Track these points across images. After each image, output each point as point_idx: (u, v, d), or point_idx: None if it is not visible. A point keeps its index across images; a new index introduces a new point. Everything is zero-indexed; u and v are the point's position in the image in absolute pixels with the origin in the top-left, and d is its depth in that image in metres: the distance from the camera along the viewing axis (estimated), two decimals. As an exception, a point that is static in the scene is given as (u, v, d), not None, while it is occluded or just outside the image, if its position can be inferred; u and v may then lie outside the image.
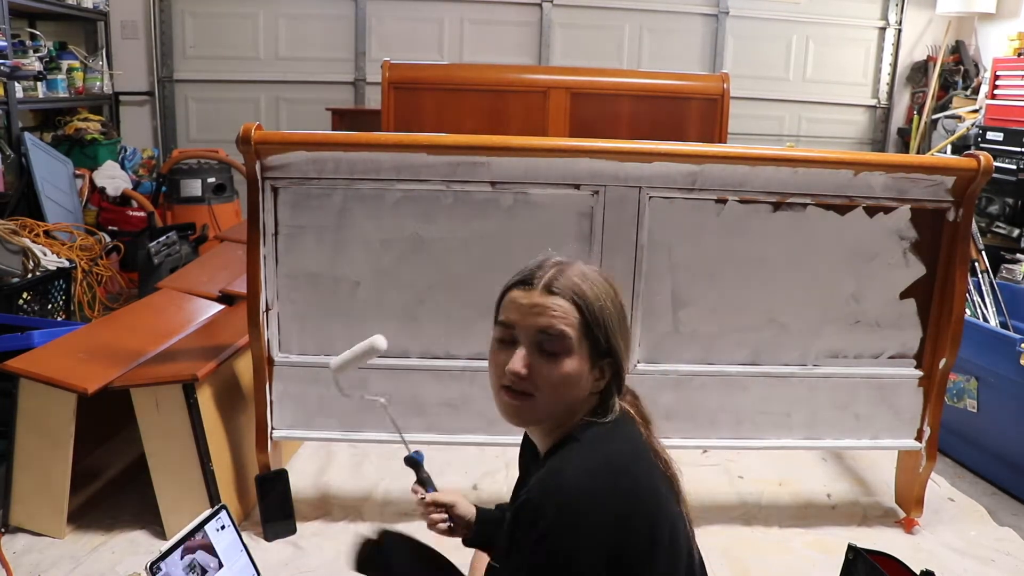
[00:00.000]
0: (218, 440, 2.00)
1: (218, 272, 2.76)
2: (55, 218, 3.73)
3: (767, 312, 2.03)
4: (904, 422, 2.13)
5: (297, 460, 2.41)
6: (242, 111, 5.22)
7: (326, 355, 2.01)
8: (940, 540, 2.10)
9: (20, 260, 3.00)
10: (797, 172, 1.93)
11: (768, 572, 1.94)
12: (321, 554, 1.94)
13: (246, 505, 2.11)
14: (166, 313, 2.45)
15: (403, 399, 2.03)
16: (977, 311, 2.77)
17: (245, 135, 1.83)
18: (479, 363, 2.02)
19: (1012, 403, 2.33)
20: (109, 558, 1.89)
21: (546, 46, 5.40)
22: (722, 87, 3.56)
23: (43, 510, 1.95)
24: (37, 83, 4.15)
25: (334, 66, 5.33)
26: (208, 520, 1.66)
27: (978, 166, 1.92)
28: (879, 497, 2.32)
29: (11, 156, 3.80)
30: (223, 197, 4.46)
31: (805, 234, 1.98)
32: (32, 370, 1.91)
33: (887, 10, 5.68)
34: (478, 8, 5.33)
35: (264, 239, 1.93)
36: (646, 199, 1.93)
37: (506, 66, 4.68)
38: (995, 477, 2.45)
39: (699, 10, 5.51)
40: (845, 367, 2.06)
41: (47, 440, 1.92)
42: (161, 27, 5.14)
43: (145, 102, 5.25)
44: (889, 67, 5.75)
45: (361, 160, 1.90)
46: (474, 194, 1.93)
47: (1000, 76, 4.50)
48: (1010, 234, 4.06)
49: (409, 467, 1.44)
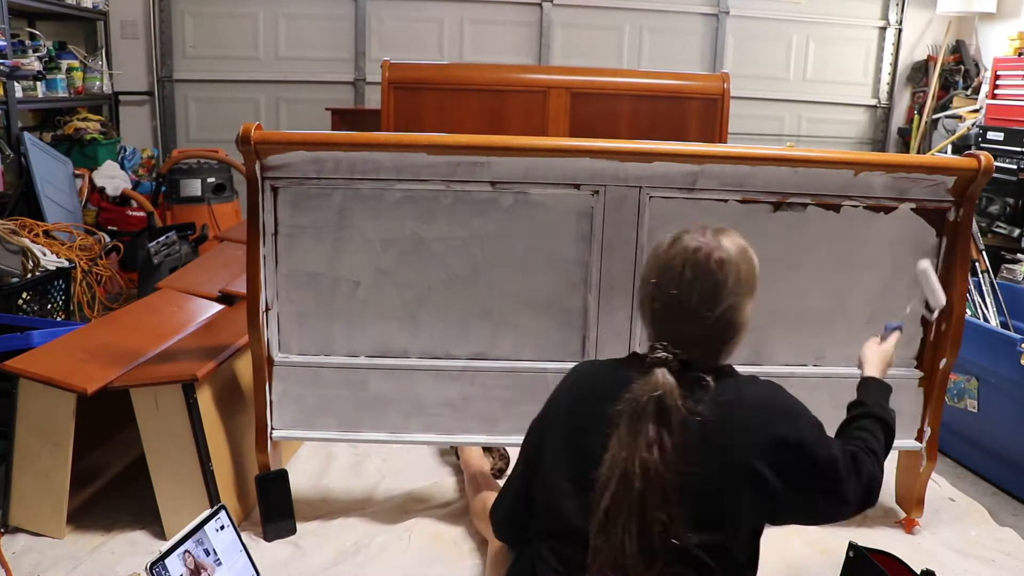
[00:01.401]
0: (218, 440, 2.00)
1: (218, 272, 2.76)
2: (55, 218, 3.73)
3: (767, 312, 2.02)
4: (904, 422, 2.12)
5: (297, 460, 2.41)
6: (242, 111, 5.22)
7: (326, 355, 2.01)
8: (940, 540, 2.09)
9: (19, 260, 3.00)
10: (797, 172, 1.93)
11: (768, 572, 1.93)
12: (321, 554, 1.94)
13: (246, 505, 2.11)
14: (166, 313, 2.45)
15: (403, 399, 2.03)
16: (977, 311, 2.77)
17: (245, 135, 1.82)
18: (479, 363, 2.02)
19: (1012, 403, 2.33)
20: (109, 558, 1.89)
21: (546, 46, 5.40)
22: (722, 87, 3.56)
23: (43, 510, 1.95)
24: (36, 83, 4.15)
25: (334, 66, 5.33)
26: (208, 520, 1.66)
27: (978, 166, 1.92)
28: (879, 497, 2.32)
29: (11, 156, 3.80)
30: (223, 197, 4.46)
31: (805, 234, 1.98)
32: (32, 370, 1.91)
33: (887, 10, 5.68)
34: (478, 8, 5.33)
35: (264, 239, 1.93)
36: (646, 199, 1.93)
37: (506, 66, 4.68)
38: (996, 477, 2.45)
39: (699, 10, 5.51)
40: (845, 367, 2.06)
41: (47, 440, 1.92)
42: (161, 27, 5.14)
43: (145, 102, 5.25)
44: (889, 67, 5.75)
45: (361, 160, 1.90)
46: (474, 194, 1.93)
47: (1000, 76, 4.50)
48: (1010, 234, 4.06)
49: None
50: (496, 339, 2.01)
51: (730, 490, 1.26)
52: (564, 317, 2.00)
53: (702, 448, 1.24)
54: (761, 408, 1.32)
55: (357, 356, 2.02)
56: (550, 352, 2.01)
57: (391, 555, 1.94)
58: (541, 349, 2.01)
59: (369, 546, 1.97)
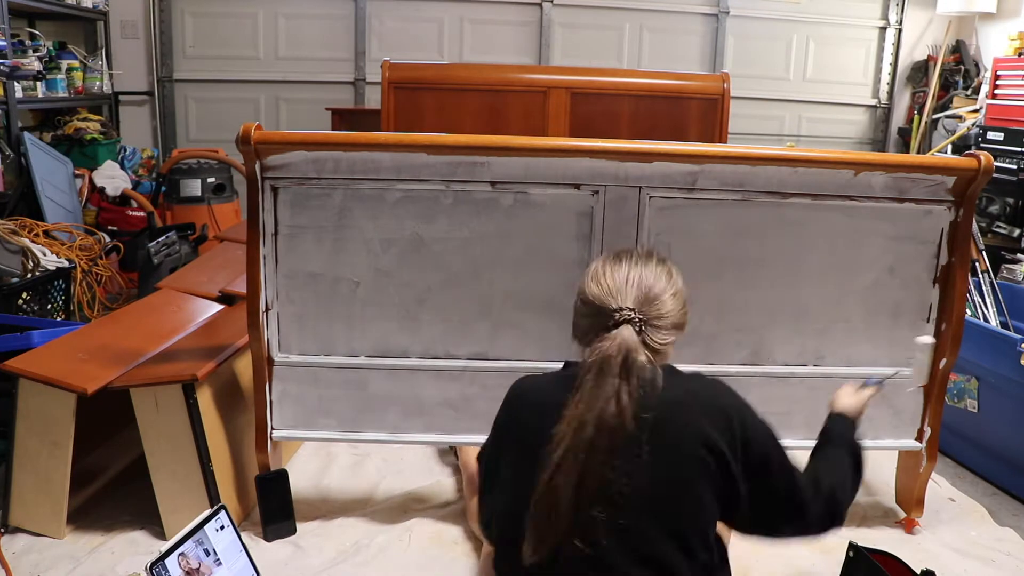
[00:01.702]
0: (218, 440, 2.00)
1: (218, 272, 2.76)
2: (55, 218, 3.73)
3: (767, 312, 2.02)
4: (904, 422, 2.13)
5: (297, 460, 2.41)
6: (242, 111, 5.22)
7: (326, 355, 2.01)
8: (940, 540, 2.09)
9: (19, 260, 3.00)
10: (797, 172, 1.93)
11: (768, 572, 1.94)
12: (321, 554, 1.94)
13: (246, 505, 2.11)
14: (166, 313, 2.45)
15: (403, 399, 2.03)
16: (977, 311, 2.77)
17: (245, 135, 1.82)
18: (479, 363, 2.02)
19: (1012, 403, 2.33)
20: (109, 558, 1.89)
21: (546, 46, 5.40)
22: (722, 87, 3.56)
23: (43, 510, 1.95)
24: (36, 83, 4.15)
25: (334, 66, 5.33)
26: (208, 520, 1.66)
27: (978, 166, 1.92)
28: (879, 497, 2.32)
29: (11, 156, 3.80)
30: (223, 197, 4.46)
31: (805, 234, 1.98)
32: (32, 370, 1.91)
33: (887, 10, 5.68)
34: (478, 8, 5.33)
35: (264, 239, 1.93)
36: (646, 199, 1.93)
37: (506, 66, 4.68)
38: (996, 477, 2.45)
39: (699, 10, 5.51)
40: (845, 367, 2.06)
41: (47, 440, 1.92)
42: (161, 27, 5.14)
43: (145, 102, 5.25)
44: (889, 67, 5.75)
45: (361, 160, 1.90)
46: (474, 194, 1.93)
47: (1000, 76, 4.50)
48: (1010, 234, 4.06)
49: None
50: (496, 339, 2.01)
51: (683, 461, 1.32)
52: (564, 317, 1.98)
53: (656, 413, 1.31)
54: (712, 383, 1.43)
55: (357, 356, 2.02)
56: (550, 352, 2.01)
57: (391, 555, 1.95)
58: (541, 349, 2.01)
59: (369, 546, 1.97)
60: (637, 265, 1.42)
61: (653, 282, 1.40)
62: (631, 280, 1.40)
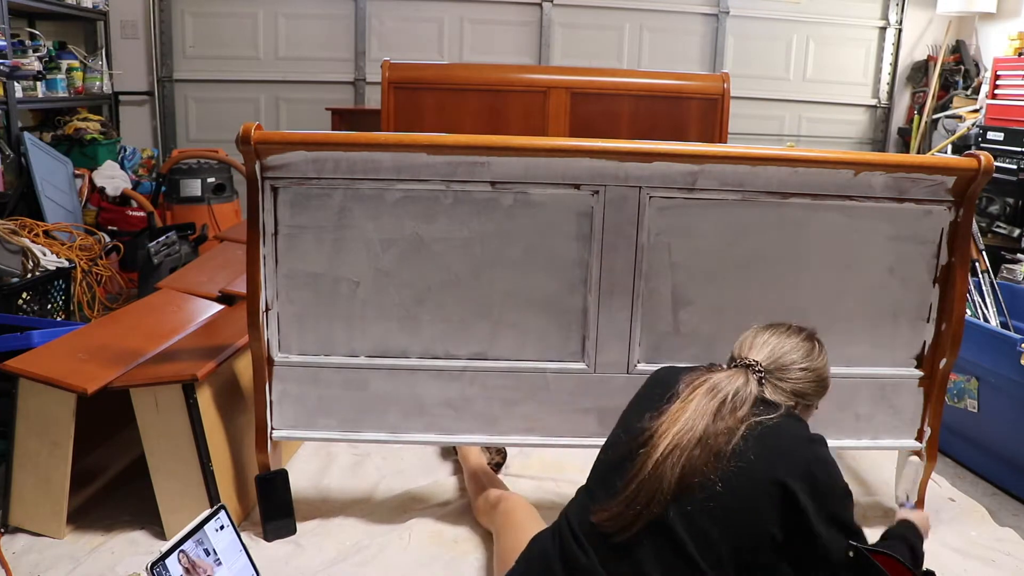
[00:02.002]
0: (218, 440, 2.00)
1: (218, 272, 2.76)
2: (55, 218, 3.73)
3: (767, 312, 2.02)
4: (904, 422, 2.12)
5: (297, 460, 2.41)
6: (242, 111, 5.23)
7: (326, 355, 2.01)
8: (940, 540, 2.09)
9: (19, 260, 3.00)
10: (797, 172, 1.93)
11: (768, 572, 1.94)
12: (321, 554, 1.94)
13: (246, 505, 2.11)
14: (166, 313, 2.45)
15: (403, 399, 2.03)
16: (977, 311, 2.77)
17: (245, 135, 1.82)
18: (479, 363, 2.02)
19: (1012, 403, 2.33)
20: (109, 558, 1.89)
21: (546, 46, 5.40)
22: (722, 87, 3.56)
23: (42, 510, 1.95)
24: (36, 83, 4.15)
25: (334, 66, 5.33)
26: (208, 520, 1.66)
27: (978, 166, 1.92)
28: (879, 497, 2.32)
29: (11, 156, 3.80)
30: (223, 197, 4.46)
31: (805, 234, 1.98)
32: (32, 370, 1.91)
33: (887, 10, 5.68)
34: (478, 8, 5.33)
35: (264, 239, 1.93)
36: (646, 199, 1.93)
37: (506, 66, 4.68)
38: (996, 477, 2.45)
39: (699, 10, 5.51)
40: (845, 367, 2.06)
41: (47, 440, 1.92)
42: (161, 27, 5.14)
43: (145, 102, 5.25)
44: (889, 67, 5.75)
45: (361, 160, 1.90)
46: (474, 194, 1.93)
47: (1000, 76, 4.50)
48: (1010, 234, 4.06)
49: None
50: (496, 339, 2.01)
51: (757, 497, 1.36)
52: (564, 317, 2.00)
53: (747, 451, 1.37)
54: (808, 442, 1.45)
55: (357, 356, 2.02)
56: (550, 352, 2.01)
57: (391, 555, 1.95)
58: (541, 349, 2.01)
59: (369, 546, 1.97)
60: (782, 335, 1.57)
61: (789, 351, 1.54)
62: (769, 343, 1.55)
